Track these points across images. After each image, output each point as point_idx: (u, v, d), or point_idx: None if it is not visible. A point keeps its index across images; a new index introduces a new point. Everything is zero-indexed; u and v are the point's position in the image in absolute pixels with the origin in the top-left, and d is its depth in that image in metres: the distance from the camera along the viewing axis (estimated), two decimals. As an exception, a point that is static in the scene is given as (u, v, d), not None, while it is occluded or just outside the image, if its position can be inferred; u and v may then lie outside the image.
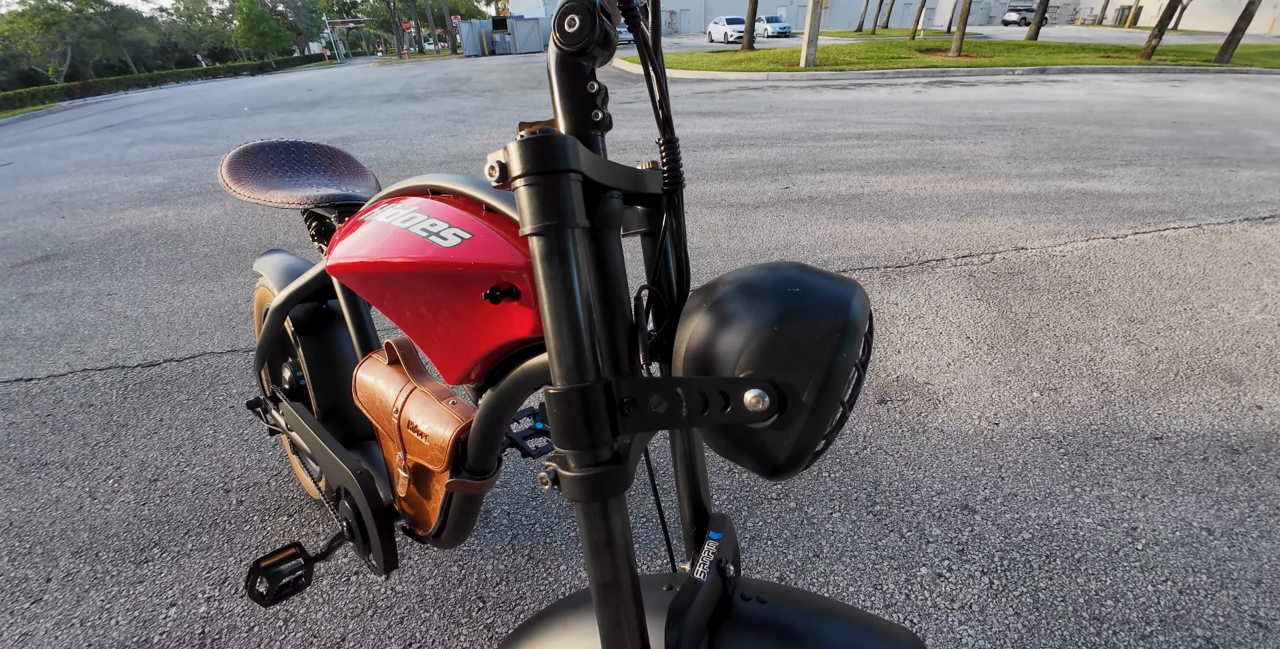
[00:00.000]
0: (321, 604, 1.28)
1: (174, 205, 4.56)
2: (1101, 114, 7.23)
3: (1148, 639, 1.13)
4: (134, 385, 2.16)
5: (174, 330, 2.55)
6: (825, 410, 0.36)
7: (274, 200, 0.99)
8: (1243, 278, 2.67)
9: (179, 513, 1.55)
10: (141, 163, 6.45)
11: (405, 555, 1.38)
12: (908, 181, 4.36)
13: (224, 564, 1.39)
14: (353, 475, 0.93)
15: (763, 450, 0.39)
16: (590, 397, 0.38)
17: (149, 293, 2.96)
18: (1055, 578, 1.25)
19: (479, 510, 0.83)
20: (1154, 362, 2.03)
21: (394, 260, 0.55)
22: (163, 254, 3.52)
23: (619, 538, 0.41)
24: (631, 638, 0.42)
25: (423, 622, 1.23)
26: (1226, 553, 1.30)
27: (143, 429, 1.90)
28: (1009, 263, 2.88)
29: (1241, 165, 4.71)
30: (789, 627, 0.46)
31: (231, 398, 2.03)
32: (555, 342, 0.38)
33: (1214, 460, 1.57)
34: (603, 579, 0.41)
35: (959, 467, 1.56)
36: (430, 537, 0.90)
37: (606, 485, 0.39)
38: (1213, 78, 11.96)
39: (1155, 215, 3.53)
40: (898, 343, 2.18)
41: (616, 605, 0.41)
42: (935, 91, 9.70)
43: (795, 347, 0.36)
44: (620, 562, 0.41)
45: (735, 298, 0.40)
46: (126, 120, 11.52)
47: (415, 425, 0.78)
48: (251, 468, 1.69)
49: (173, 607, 1.29)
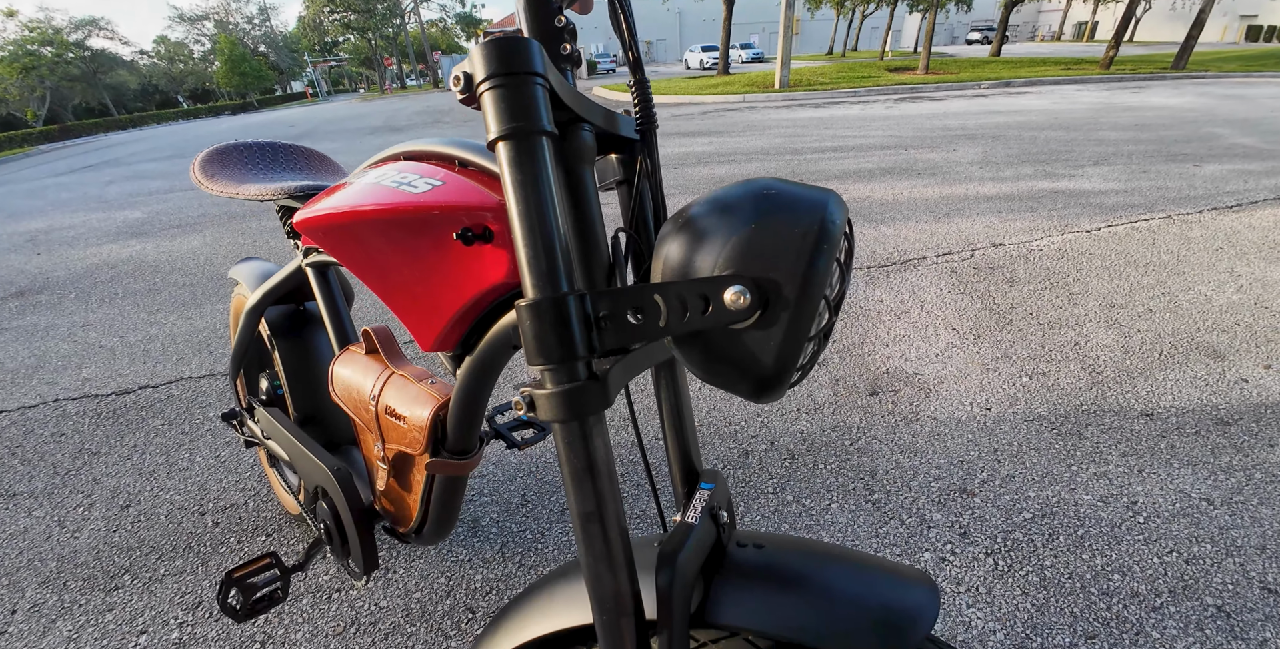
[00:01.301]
0: (301, 624, 1.21)
1: (153, 238, 4.52)
2: (1067, 120, 7.45)
3: (1159, 611, 1.10)
4: (107, 413, 2.09)
5: (150, 358, 2.49)
6: (808, 307, 0.35)
7: (247, 193, 0.97)
8: (1216, 262, 2.72)
9: (151, 538, 1.48)
10: (120, 199, 6.42)
11: (390, 569, 1.33)
12: (885, 188, 4.43)
13: (198, 588, 1.32)
14: (330, 473, 0.89)
15: (747, 360, 0.37)
16: (564, 307, 0.36)
17: (125, 323, 2.90)
18: (1060, 556, 1.22)
19: (461, 499, 0.80)
20: (1137, 343, 2.04)
21: (363, 208, 0.53)
22: (140, 285, 3.46)
23: (600, 463, 0.38)
24: (618, 574, 0.39)
25: (409, 636, 1.17)
26: (1228, 521, 1.28)
27: (115, 456, 1.83)
28: (988, 258, 2.91)
29: (1205, 160, 4.85)
30: (789, 571, 0.43)
31: (209, 421, 1.97)
32: (527, 249, 0.36)
33: (1206, 433, 1.56)
34: (584, 509, 0.38)
35: (955, 452, 1.54)
36: (412, 532, 0.86)
37: (585, 402, 0.37)
38: (1171, 83, 12.42)
39: (1126, 208, 3.61)
40: (885, 337, 2.18)
41: (600, 538, 0.38)
42: (906, 106, 9.97)
43: (774, 242, 0.35)
44: (602, 488, 0.38)
45: (710, 210, 0.39)
46: (106, 160, 11.51)
47: (393, 409, 0.75)
48: (229, 489, 1.63)
49: (143, 634, 1.22)
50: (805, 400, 1.82)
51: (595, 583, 0.39)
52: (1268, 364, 1.88)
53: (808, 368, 0.43)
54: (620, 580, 0.39)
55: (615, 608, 0.39)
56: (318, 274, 1.00)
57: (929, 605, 0.40)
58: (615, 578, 0.38)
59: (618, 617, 0.39)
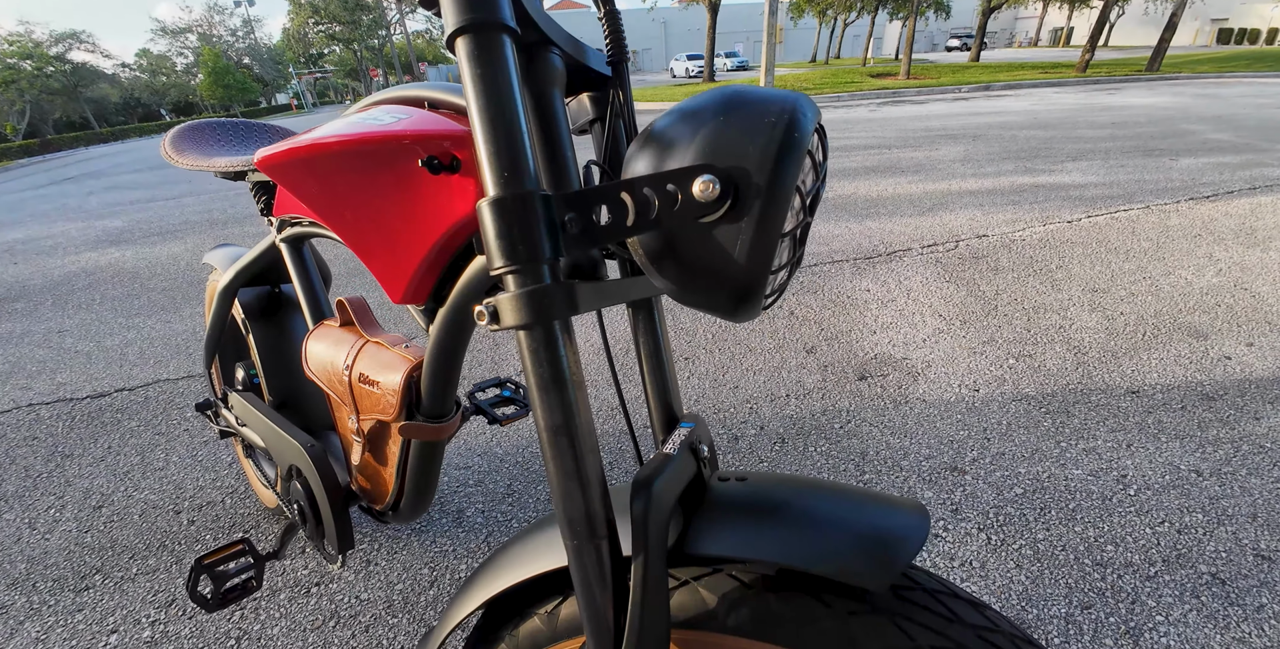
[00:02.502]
0: (279, 619, 1.17)
1: (132, 246, 4.45)
2: (1045, 120, 7.57)
3: (1154, 580, 1.09)
4: (81, 416, 2.04)
5: (127, 361, 2.44)
6: (779, 197, 0.33)
7: (217, 166, 0.95)
8: (1195, 248, 2.75)
9: (124, 538, 1.43)
10: (100, 209, 6.33)
11: (371, 562, 1.29)
12: (869, 185, 4.46)
13: (171, 586, 1.28)
14: (303, 449, 0.86)
15: (720, 261, 0.35)
16: (529, 203, 0.34)
17: (102, 328, 2.84)
18: (1052, 529, 1.21)
19: (438, 471, 0.77)
20: (1121, 325, 2.05)
21: (325, 140, 0.51)
22: (118, 291, 3.40)
23: (568, 373, 0.36)
24: (588, 491, 0.36)
25: (390, 628, 1.13)
26: (1218, 491, 1.28)
27: (89, 458, 1.78)
28: (973, 249, 2.93)
29: (1180, 155, 4.93)
30: (774, 501, 0.41)
31: (186, 421, 1.93)
32: (487, 145, 0.34)
33: (1192, 408, 1.56)
34: (553, 422, 0.36)
35: (944, 432, 1.53)
36: (389, 509, 0.83)
37: (552, 305, 0.35)
38: (1145, 85, 12.69)
39: (1105, 200, 3.65)
40: (872, 324, 2.18)
41: (570, 453, 0.36)
42: (889, 109, 10.10)
43: (743, 132, 0.34)
44: (571, 400, 0.36)
45: (677, 117, 0.38)
46: (87, 172, 11.37)
47: (366, 376, 0.73)
48: (205, 487, 1.58)
49: (114, 633, 1.18)
50: (794, 386, 1.81)
51: (565, 502, 0.37)
52: (1250, 342, 1.89)
53: (786, 278, 0.42)
54: (591, 499, 0.37)
55: (586, 530, 0.36)
56: (292, 250, 0.97)
57: (919, 526, 0.38)
58: (585, 496, 0.36)
59: (589, 540, 0.37)
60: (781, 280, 0.40)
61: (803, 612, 0.38)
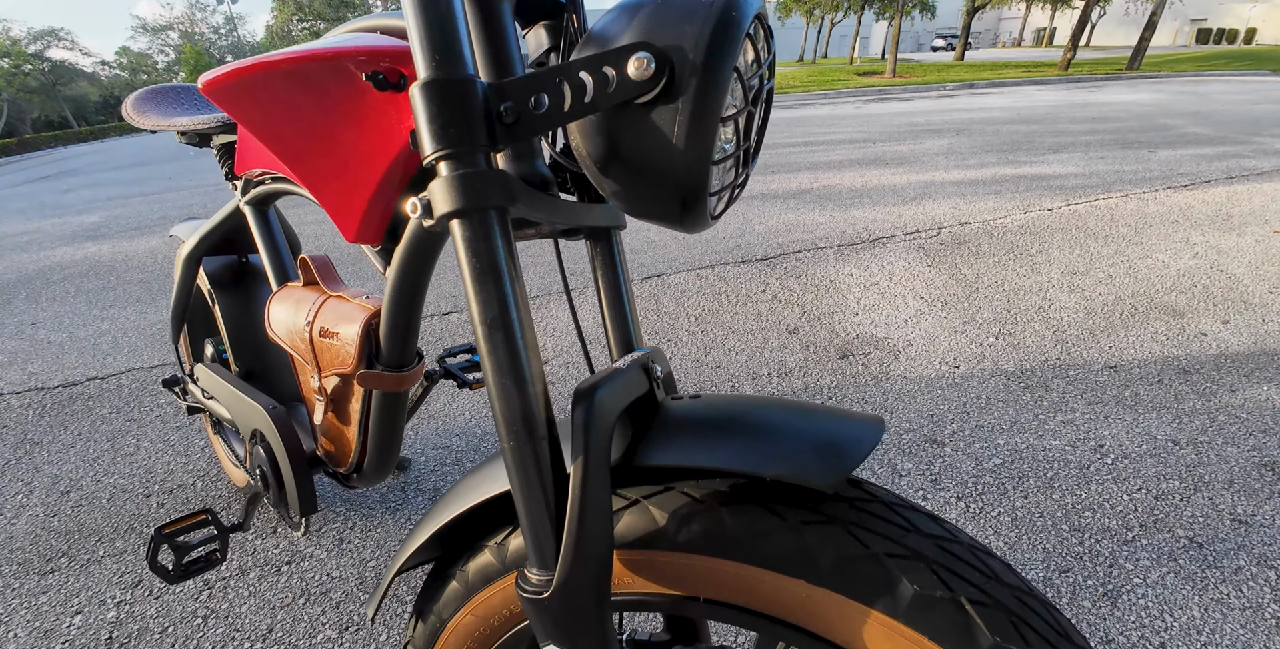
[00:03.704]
0: (247, 597, 1.15)
1: (109, 240, 4.37)
2: (1028, 115, 7.65)
3: (1131, 544, 1.09)
4: (52, 405, 1.99)
5: (100, 351, 2.39)
6: (716, 77, 0.32)
7: (178, 125, 0.93)
8: (1172, 233, 2.78)
9: (92, 521, 1.40)
10: (77, 206, 6.22)
11: (345, 540, 1.27)
12: (854, 176, 4.48)
13: (138, 568, 1.25)
14: (265, 412, 0.84)
15: (661, 152, 0.34)
16: (460, 88, 0.33)
17: (76, 319, 2.79)
18: (1030, 497, 1.21)
19: (401, 430, 0.75)
20: (1099, 305, 2.06)
21: (271, 59, 0.50)
22: (93, 283, 3.34)
23: (505, 263, 0.35)
24: (525, 389, 0.35)
25: (362, 604, 1.11)
26: (1195, 460, 1.29)
27: (58, 445, 1.74)
28: (954, 235, 2.94)
29: (1159, 147, 5.00)
30: (727, 415, 0.40)
31: (159, 407, 1.89)
32: (419, 29, 0.33)
33: (1169, 382, 1.58)
34: (488, 315, 0.34)
35: (924, 406, 1.53)
36: (353, 472, 0.82)
37: (487, 191, 0.33)
38: (1126, 83, 12.87)
39: (1085, 189, 3.69)
40: (854, 306, 2.18)
41: (505, 347, 0.35)
42: (874, 106, 10.16)
43: (681, 12, 0.33)
44: (507, 291, 0.35)
45: (620, 9, 0.37)
46: (64, 170, 11.18)
47: (326, 329, 0.71)
48: (176, 471, 1.55)
49: (78, 614, 1.15)
50: (776, 365, 1.80)
51: (503, 402, 0.35)
52: (1225, 319, 1.91)
53: (734, 188, 0.41)
54: (529, 397, 0.35)
55: (524, 430, 0.35)
56: (257, 214, 0.95)
57: (871, 433, 0.37)
58: (523, 394, 0.35)
59: (527, 441, 0.35)
60: (728, 182, 0.39)
61: (755, 525, 0.36)
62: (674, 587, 0.39)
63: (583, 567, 0.34)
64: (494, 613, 0.45)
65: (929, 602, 0.33)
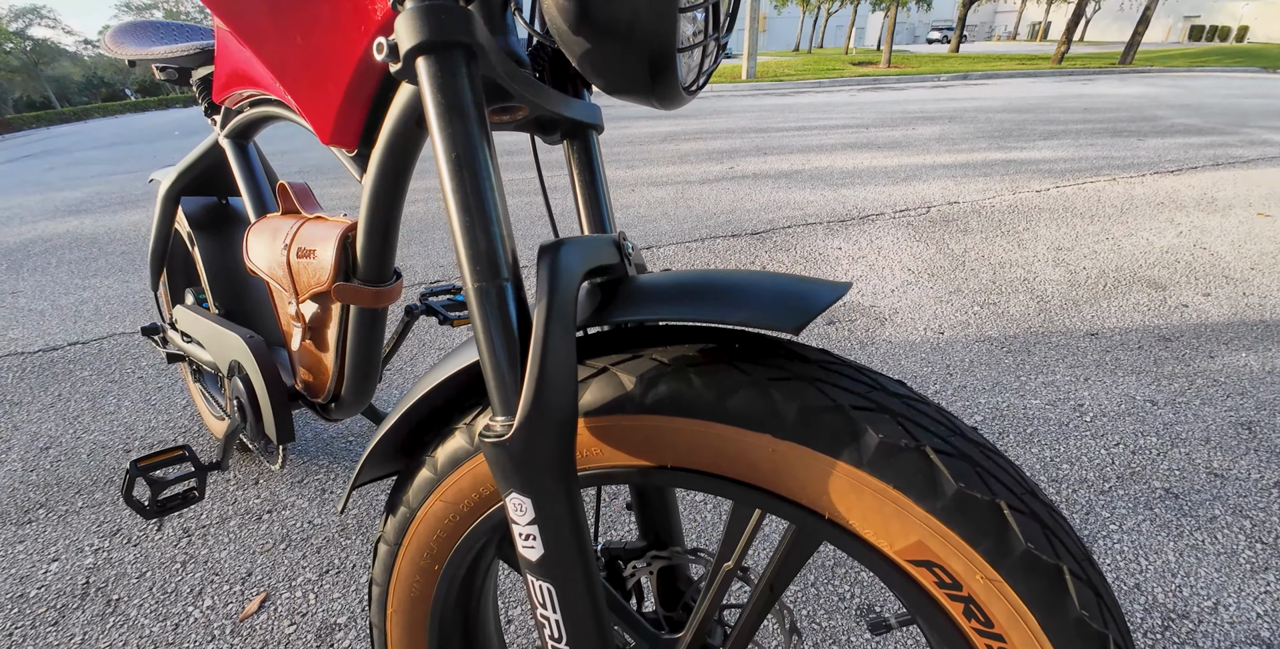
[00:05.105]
0: (227, 544, 1.14)
1: (92, 215, 4.30)
2: (1020, 105, 7.66)
3: (1107, 494, 1.11)
4: (32, 368, 1.97)
5: (82, 318, 2.36)
6: None
7: (155, 54, 0.91)
8: (1157, 213, 2.80)
9: (71, 475, 1.38)
10: (60, 183, 6.11)
11: (328, 490, 1.26)
12: (846, 159, 4.48)
13: (117, 518, 1.24)
14: (243, 341, 0.83)
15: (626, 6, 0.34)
16: None
17: (57, 288, 2.74)
18: (1010, 450, 1.22)
19: (379, 352, 0.75)
20: (1083, 278, 2.08)
21: None
22: (75, 255, 3.28)
23: (471, 102, 0.34)
24: (490, 229, 0.34)
25: (343, 549, 1.11)
26: (1172, 418, 1.31)
27: (38, 405, 1.72)
28: (943, 213, 2.95)
29: (1148, 136, 5.03)
30: (695, 280, 0.39)
31: (141, 369, 1.87)
32: None
33: (1149, 348, 1.60)
34: (452, 153, 0.34)
35: (908, 368, 1.54)
36: (330, 399, 0.81)
37: (452, 23, 0.33)
38: (1118, 77, 12.91)
39: (1073, 173, 3.71)
40: (842, 277, 2.18)
41: (473, 187, 0.34)
42: (868, 95, 10.14)
43: None
44: (474, 132, 0.34)
45: None
46: (47, 149, 10.96)
47: (304, 249, 0.70)
48: (157, 428, 1.54)
49: (55, 562, 1.14)
50: (763, 332, 1.81)
51: (468, 240, 0.34)
52: (1207, 293, 1.94)
53: (705, 55, 0.40)
54: (493, 236, 0.35)
55: (488, 268, 0.35)
56: (236, 148, 0.94)
57: (838, 287, 0.37)
58: (488, 234, 0.34)
59: (491, 280, 0.35)
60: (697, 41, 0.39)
61: (723, 383, 0.36)
62: (641, 454, 0.39)
63: (545, 405, 0.33)
64: (463, 497, 0.45)
65: (894, 450, 0.33)
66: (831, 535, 0.36)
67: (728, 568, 0.43)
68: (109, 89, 48.66)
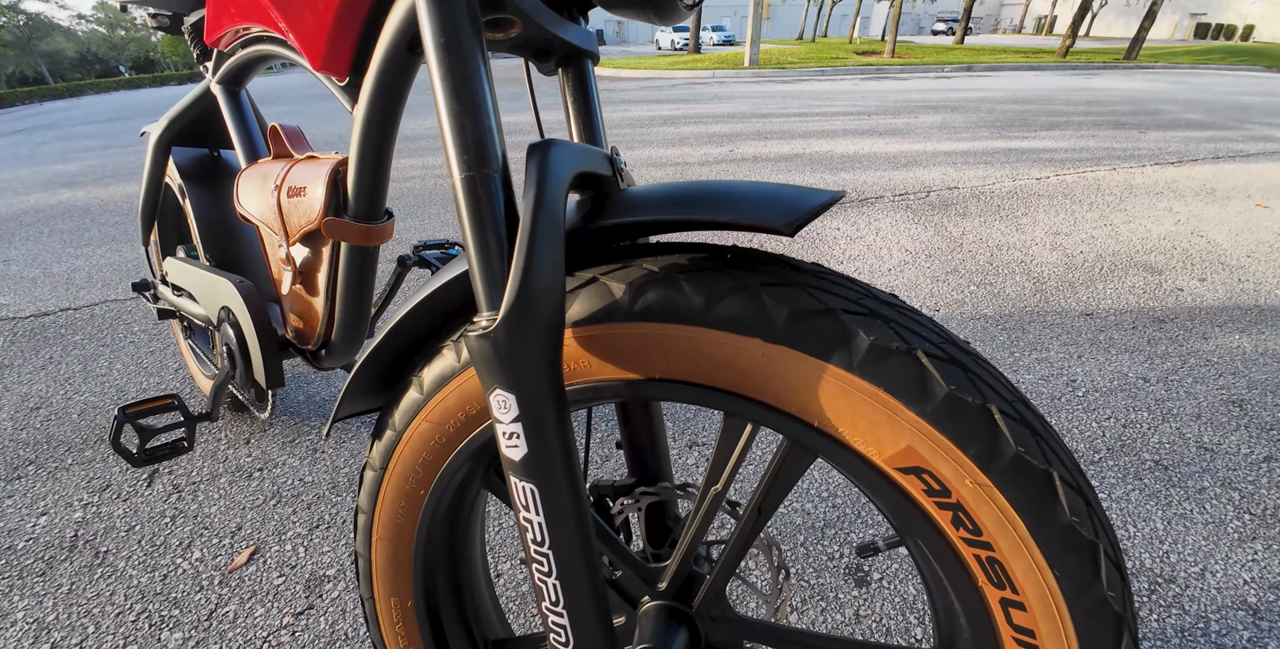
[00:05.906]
0: (217, 499, 1.14)
1: (85, 187, 4.25)
2: (1023, 97, 7.62)
3: (1098, 464, 1.11)
4: (24, 332, 1.95)
5: (74, 285, 2.34)
6: None
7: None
8: (1156, 202, 2.80)
9: (60, 433, 1.38)
10: (53, 157, 6.03)
11: (319, 450, 1.26)
12: (846, 144, 4.45)
13: (107, 473, 1.23)
14: (233, 285, 0.82)
15: None
16: None
17: (49, 256, 2.72)
18: (1000, 421, 1.23)
19: (370, 296, 0.74)
20: (1080, 261, 2.08)
21: None
22: (68, 225, 3.25)
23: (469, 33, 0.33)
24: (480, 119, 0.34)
25: (333, 505, 1.11)
26: (1164, 395, 1.31)
27: (29, 367, 1.71)
28: (943, 198, 2.94)
29: (1149, 129, 5.01)
30: (690, 189, 0.38)
31: (133, 334, 1.86)
32: None
33: (1143, 328, 1.60)
34: (443, 36, 0.33)
35: (902, 343, 1.54)
36: (320, 346, 0.80)
37: None
38: (1123, 72, 12.84)
39: (1074, 162, 3.70)
40: (839, 256, 2.18)
41: (461, 73, 0.33)
42: (871, 84, 10.07)
43: None
44: (464, 18, 0.33)
45: None
46: (40, 124, 10.81)
47: (294, 188, 0.69)
48: (149, 390, 1.53)
49: (43, 516, 1.14)
50: (759, 308, 1.80)
51: (455, 128, 0.34)
52: (1203, 278, 1.94)
53: None
54: (482, 126, 0.34)
55: (476, 158, 0.34)
56: (228, 94, 0.92)
57: (831, 193, 0.36)
58: (477, 124, 0.34)
59: (479, 169, 0.34)
60: None
61: (713, 288, 0.36)
62: (629, 366, 0.39)
63: (531, 298, 0.33)
64: (449, 417, 0.45)
65: (885, 353, 0.33)
66: (821, 446, 0.36)
67: (716, 491, 0.43)
68: (103, 65, 47.91)
